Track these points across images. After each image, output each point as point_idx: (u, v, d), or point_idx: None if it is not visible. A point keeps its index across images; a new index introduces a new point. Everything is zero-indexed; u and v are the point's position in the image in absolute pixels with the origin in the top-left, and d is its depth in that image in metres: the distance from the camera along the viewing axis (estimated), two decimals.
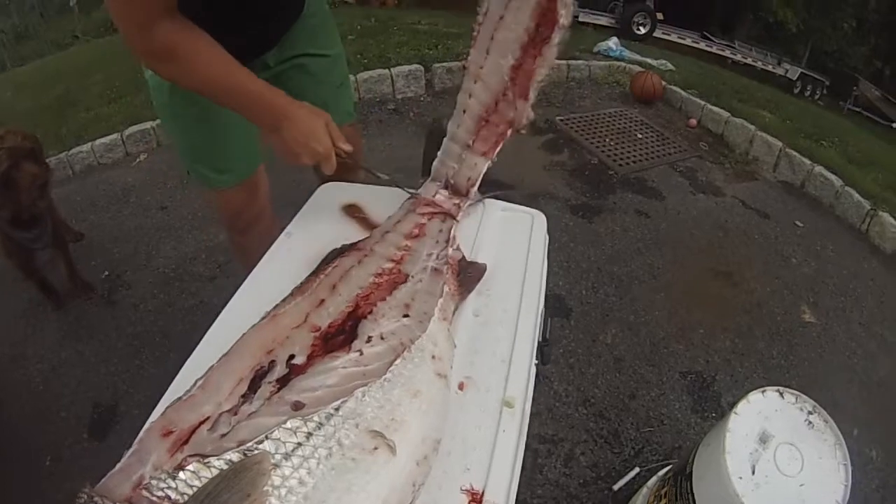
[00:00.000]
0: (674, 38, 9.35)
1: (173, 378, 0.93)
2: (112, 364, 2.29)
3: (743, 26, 11.03)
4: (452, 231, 1.23)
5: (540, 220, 1.39)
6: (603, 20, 8.38)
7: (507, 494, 0.84)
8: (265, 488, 0.68)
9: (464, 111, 1.23)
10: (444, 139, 1.30)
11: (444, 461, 0.85)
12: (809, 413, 1.39)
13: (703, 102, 4.85)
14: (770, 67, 9.86)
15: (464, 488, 0.83)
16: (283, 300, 1.03)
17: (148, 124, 3.72)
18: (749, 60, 9.85)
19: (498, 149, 1.28)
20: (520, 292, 1.17)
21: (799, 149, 4.25)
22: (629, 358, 2.51)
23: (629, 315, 2.73)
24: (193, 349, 0.99)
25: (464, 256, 1.22)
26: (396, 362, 0.87)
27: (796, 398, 1.41)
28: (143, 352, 2.32)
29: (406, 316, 0.99)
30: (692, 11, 10.05)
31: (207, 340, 1.02)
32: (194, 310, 2.53)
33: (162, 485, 0.68)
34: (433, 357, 0.93)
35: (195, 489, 0.68)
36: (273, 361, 0.88)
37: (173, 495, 0.67)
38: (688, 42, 9.54)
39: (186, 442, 0.74)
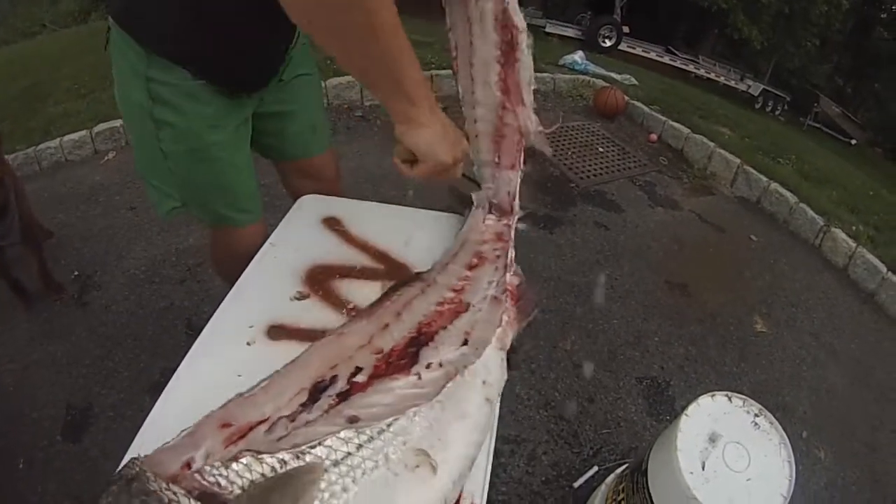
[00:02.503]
0: (639, 51, 9.71)
1: (148, 379, 1.00)
2: (84, 366, 2.35)
3: (707, 42, 11.46)
4: (509, 255, 1.28)
5: None
6: (570, 32, 8.67)
7: (482, 485, 0.95)
8: (314, 496, 0.74)
9: (476, 136, 1.31)
10: (473, 168, 1.36)
11: None
12: (756, 415, 1.54)
13: (664, 118, 5.15)
14: (733, 83, 10.30)
15: None
16: (350, 320, 1.10)
17: (117, 122, 3.75)
18: (712, 75, 10.29)
19: (522, 158, 1.35)
20: None
21: (756, 165, 4.56)
22: (588, 363, 2.71)
23: (588, 323, 2.94)
24: (173, 350, 1.06)
25: (523, 280, 1.26)
26: (448, 385, 0.95)
27: (743, 402, 1.56)
28: (115, 353, 2.37)
29: (465, 344, 1.04)
30: (658, 26, 10.43)
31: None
32: (165, 312, 2.59)
33: (214, 472, 0.74)
34: (484, 383, 1.00)
35: (245, 482, 0.74)
36: (335, 376, 0.93)
37: (223, 482, 0.74)
38: (652, 56, 9.91)
39: (243, 437, 0.80)
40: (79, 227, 3.03)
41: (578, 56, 6.36)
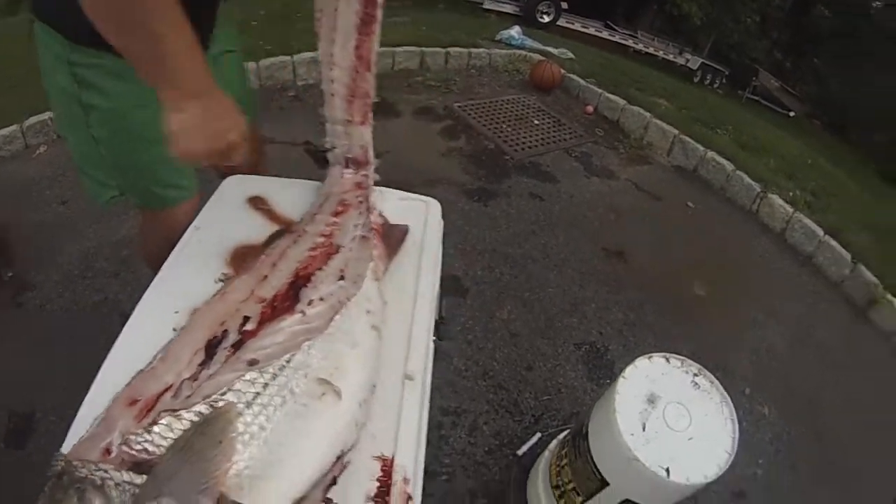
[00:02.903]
0: (577, 26, 9.75)
1: (88, 377, 0.99)
2: (22, 370, 2.25)
3: (647, 17, 11.60)
4: (371, 199, 1.40)
5: (434, 206, 1.55)
6: (508, 8, 8.63)
7: (414, 458, 0.97)
8: (233, 434, 0.80)
9: (332, 95, 1.38)
10: (326, 124, 1.43)
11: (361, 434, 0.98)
12: (695, 375, 1.57)
13: (600, 90, 5.20)
14: (671, 57, 10.45)
15: (375, 455, 0.95)
16: (228, 280, 1.16)
17: (47, 115, 3.61)
18: (651, 50, 10.42)
19: (370, 115, 1.42)
20: (416, 275, 1.33)
21: (693, 135, 4.65)
22: (525, 332, 2.72)
23: (524, 292, 2.95)
24: (109, 344, 1.04)
25: (386, 220, 1.39)
26: (336, 318, 1.04)
27: (682, 362, 1.60)
28: (53, 354, 2.29)
29: (342, 279, 1.14)
30: (597, 2, 10.51)
31: (124, 337, 1.07)
32: (100, 307, 2.53)
33: (139, 439, 0.79)
34: (368, 311, 1.10)
35: (170, 440, 0.79)
36: (226, 331, 0.99)
37: (150, 448, 0.78)
38: (591, 31, 9.97)
39: (152, 409, 0.85)
40: (11, 226, 2.90)
41: (515, 31, 6.34)
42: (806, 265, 3.79)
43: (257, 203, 1.44)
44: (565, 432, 1.99)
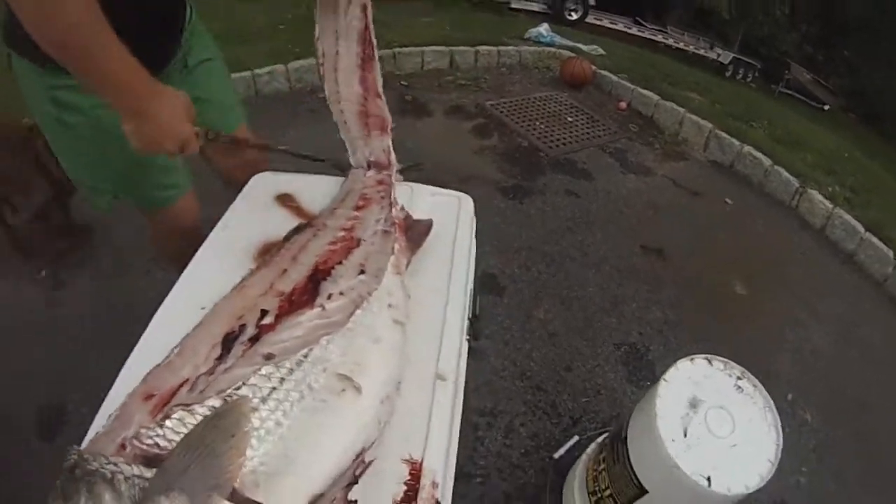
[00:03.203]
0: (606, 23, 9.64)
1: (118, 374, 0.99)
2: (54, 368, 2.24)
3: (675, 12, 11.43)
4: (392, 194, 1.38)
5: (466, 202, 1.51)
6: (535, 6, 8.55)
7: (444, 462, 0.94)
8: (247, 429, 0.78)
9: (345, 122, 1.49)
10: (346, 143, 1.52)
11: (385, 432, 0.94)
12: (738, 378, 1.51)
13: (632, 86, 5.11)
14: (702, 52, 10.27)
15: (403, 457, 0.92)
16: (248, 274, 1.15)
17: None
18: (681, 45, 10.25)
19: (389, 128, 1.51)
20: (448, 271, 1.29)
21: (728, 130, 4.54)
22: (563, 332, 2.66)
23: (562, 291, 2.89)
24: (134, 344, 1.05)
25: (409, 215, 1.37)
26: (357, 312, 1.01)
27: (725, 365, 1.53)
28: (85, 352, 2.25)
29: (362, 273, 1.12)
30: None
31: (150, 333, 1.08)
32: (132, 306, 2.24)
33: (151, 433, 0.78)
34: (390, 306, 1.08)
35: (182, 435, 0.77)
36: (244, 325, 0.98)
37: (162, 442, 0.77)
38: (620, 27, 9.84)
39: (167, 403, 0.84)
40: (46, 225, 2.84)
41: (544, 28, 6.26)
42: (847, 263, 3.67)
43: (285, 200, 1.45)
44: (604, 436, 1.94)
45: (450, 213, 1.47)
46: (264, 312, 1.01)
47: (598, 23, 9.46)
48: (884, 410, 2.68)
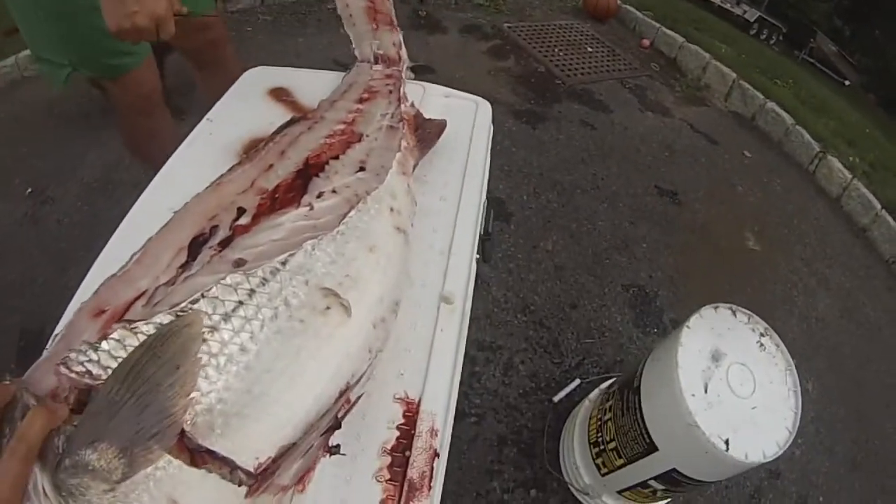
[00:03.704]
0: None
1: None
2: (37, 286, 2.15)
3: None
4: (402, 89, 1.21)
5: (484, 107, 1.36)
6: None
7: (446, 405, 0.78)
8: (198, 356, 0.60)
9: (350, 16, 1.34)
10: (353, 43, 1.36)
11: (374, 364, 0.79)
12: (761, 335, 1.41)
13: (658, 25, 4.86)
14: (728, 6, 9.91)
15: (397, 396, 0.78)
16: (229, 169, 0.96)
17: None
18: None
19: (396, 24, 1.37)
20: (460, 182, 1.14)
21: (752, 83, 4.30)
22: (571, 266, 2.49)
23: (571, 223, 2.72)
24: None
25: (419, 112, 1.20)
26: (351, 214, 0.81)
27: (748, 318, 1.43)
28: (69, 270, 2.16)
29: (361, 170, 0.94)
30: None
31: (115, 241, 0.96)
32: (119, 219, 2.31)
33: (82, 357, 0.59)
34: (391, 210, 0.89)
35: (120, 360, 0.59)
36: (216, 227, 0.79)
37: (94, 369, 0.59)
38: None
39: (120, 320, 0.65)
40: (34, 143, 2.78)
41: None
42: (860, 237, 3.50)
43: (279, 94, 1.30)
44: (610, 382, 1.82)
45: (465, 117, 1.32)
46: (241, 211, 0.82)
47: None
48: (881, 392, 2.56)
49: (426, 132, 1.16)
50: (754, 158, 3.77)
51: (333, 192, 0.87)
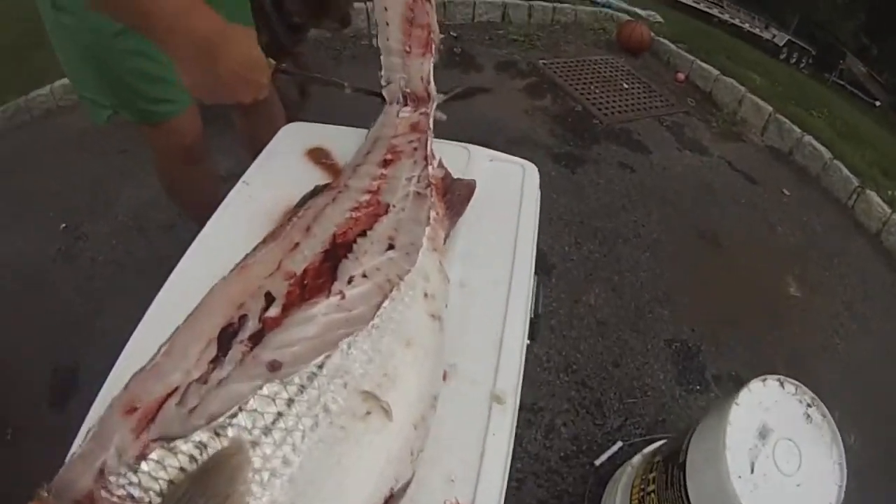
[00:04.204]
0: None
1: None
2: (70, 324, 2.12)
3: None
4: (429, 146, 1.15)
5: (532, 172, 1.28)
6: None
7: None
8: (245, 484, 0.58)
9: (387, 24, 1.25)
10: (381, 57, 1.27)
11: (423, 469, 0.74)
12: (808, 406, 1.38)
13: (692, 58, 4.76)
14: (757, 30, 9.77)
15: (448, 503, 0.73)
16: (253, 249, 0.91)
17: None
18: (737, 21, 9.73)
19: (433, 47, 1.28)
20: (510, 260, 1.06)
21: (788, 115, 4.19)
22: (613, 322, 2.42)
23: (613, 275, 2.64)
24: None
25: (448, 173, 1.14)
26: (385, 304, 0.76)
27: (796, 388, 1.39)
28: (103, 311, 2.15)
29: (391, 248, 0.88)
30: None
31: (159, 303, 0.91)
32: (152, 262, 2.33)
33: (122, 481, 0.57)
34: (425, 295, 0.83)
35: (162, 483, 0.57)
36: (244, 316, 0.75)
37: (136, 493, 0.57)
38: None
39: (153, 419, 0.63)
40: (68, 175, 2.78)
41: None
42: None
43: (317, 156, 1.24)
44: (654, 449, 1.75)
45: (511, 183, 1.24)
46: (270, 299, 0.77)
47: None
48: None
49: (455, 196, 1.10)
50: (793, 196, 3.66)
51: (364, 276, 0.82)
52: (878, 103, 9.87)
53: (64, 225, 2.51)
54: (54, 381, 1.98)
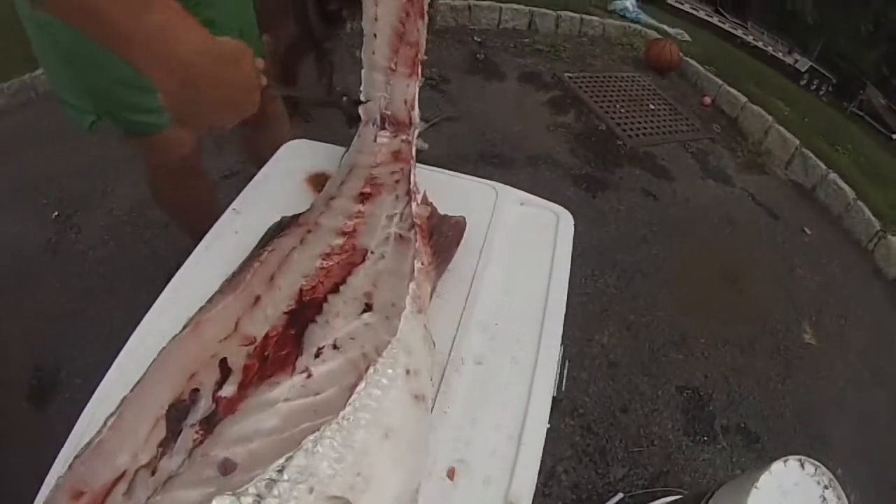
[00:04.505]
0: (687, 7, 9.01)
1: (121, 341, 0.78)
2: (54, 322, 2.01)
3: (758, 8, 10.76)
4: (412, 178, 1.03)
5: (567, 222, 1.14)
6: None
7: None
8: None
9: (375, 35, 1.13)
10: (363, 71, 1.15)
11: None
12: (825, 488, 1.35)
13: (720, 82, 4.65)
14: (780, 55, 9.62)
15: None
16: (210, 300, 0.79)
17: None
18: (760, 44, 9.56)
19: (420, 70, 1.15)
20: (538, 330, 0.91)
21: (814, 149, 4.07)
22: (625, 363, 2.31)
23: (629, 314, 2.52)
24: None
25: (435, 210, 1.01)
26: (359, 389, 0.64)
27: (815, 469, 1.36)
28: (88, 310, 2.05)
29: (367, 310, 0.76)
30: None
31: (129, 350, 0.79)
32: (145, 262, 2.24)
33: None
34: (408, 372, 0.70)
35: None
36: (196, 391, 0.66)
37: None
38: (701, 14, 9.21)
39: None
40: (68, 162, 2.63)
41: (629, 2, 5.77)
42: None
43: (319, 183, 1.10)
44: None
45: (543, 234, 1.10)
46: (225, 371, 0.68)
47: (679, 5, 8.84)
48: None
49: (443, 238, 0.95)
50: (814, 236, 3.53)
51: (335, 347, 0.70)
52: (894, 136, 9.74)
53: (56, 213, 2.39)
54: (35, 380, 1.87)
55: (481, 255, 1.02)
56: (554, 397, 0.89)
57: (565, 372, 0.98)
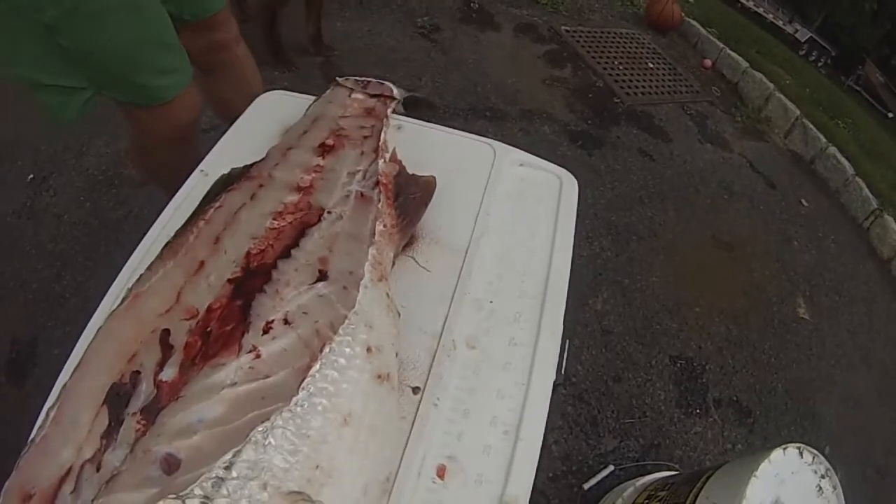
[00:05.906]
0: None
1: (90, 316, 0.73)
2: (30, 290, 1.93)
3: None
4: (383, 136, 0.95)
5: (570, 186, 1.05)
6: None
7: None
8: None
9: None
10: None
11: None
12: (822, 477, 1.35)
13: (721, 45, 4.57)
14: (780, 23, 9.55)
15: None
16: (150, 266, 0.73)
17: None
18: (760, 10, 9.49)
19: None
20: (539, 309, 0.83)
21: (814, 121, 4.02)
22: (619, 331, 2.24)
23: (624, 278, 2.45)
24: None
25: (403, 169, 0.92)
26: (313, 372, 0.58)
27: (813, 458, 1.36)
28: (65, 276, 1.97)
29: (322, 278, 0.70)
30: None
31: (98, 319, 0.73)
32: (121, 223, 2.16)
33: None
34: (369, 350, 0.64)
35: None
36: (137, 373, 0.62)
37: None
38: None
39: None
40: (42, 121, 2.45)
41: None
42: None
43: None
44: (646, 488, 1.63)
45: (545, 197, 1.01)
46: (167, 348, 0.63)
47: None
48: None
49: (409, 199, 0.87)
50: (811, 208, 3.50)
51: (286, 322, 0.64)
52: (890, 114, 9.75)
53: (31, 176, 2.28)
54: (11, 353, 1.79)
55: (476, 222, 0.92)
56: (554, 382, 0.81)
57: (566, 353, 0.89)
